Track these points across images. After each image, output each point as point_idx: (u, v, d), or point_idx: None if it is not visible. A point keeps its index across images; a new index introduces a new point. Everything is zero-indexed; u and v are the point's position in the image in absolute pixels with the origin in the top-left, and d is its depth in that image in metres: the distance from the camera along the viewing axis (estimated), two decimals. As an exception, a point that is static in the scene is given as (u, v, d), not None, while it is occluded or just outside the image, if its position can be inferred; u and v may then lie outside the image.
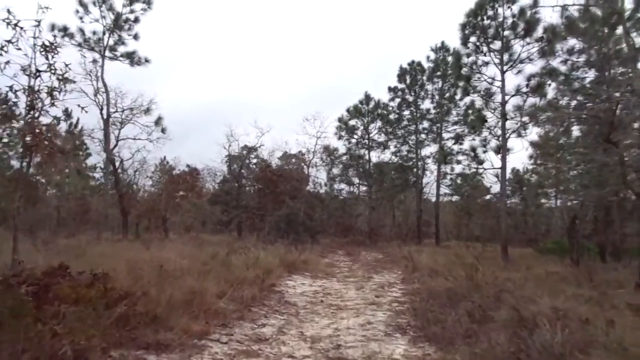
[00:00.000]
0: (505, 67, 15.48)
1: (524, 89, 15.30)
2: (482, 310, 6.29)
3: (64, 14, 23.93)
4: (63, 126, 27.82)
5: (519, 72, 15.62)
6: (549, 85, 15.74)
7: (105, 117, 19.87)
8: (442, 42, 29.08)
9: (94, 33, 19.77)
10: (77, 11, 19.35)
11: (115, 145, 20.77)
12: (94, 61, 19.91)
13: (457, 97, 28.91)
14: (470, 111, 28.56)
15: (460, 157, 28.55)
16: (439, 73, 29.25)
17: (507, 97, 15.42)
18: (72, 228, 23.68)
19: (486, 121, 15.77)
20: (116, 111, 20.15)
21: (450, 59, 29.02)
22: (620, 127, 17.44)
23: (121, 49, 20.54)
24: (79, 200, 26.69)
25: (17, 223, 4.43)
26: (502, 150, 15.20)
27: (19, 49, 4.07)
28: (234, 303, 6.73)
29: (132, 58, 20.90)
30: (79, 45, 19.54)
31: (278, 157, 29.12)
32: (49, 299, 3.88)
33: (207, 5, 72.56)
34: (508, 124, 15.47)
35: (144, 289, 6.03)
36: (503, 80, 15.48)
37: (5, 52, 3.80)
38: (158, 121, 20.70)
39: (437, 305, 7.17)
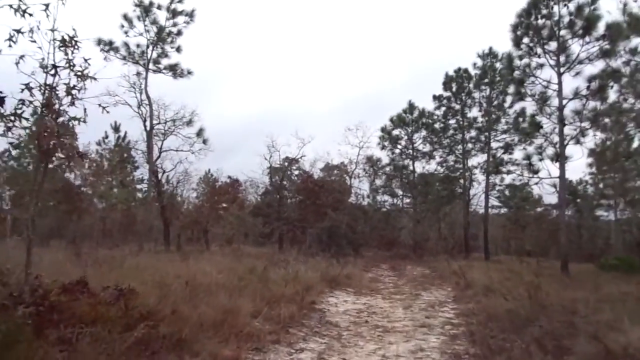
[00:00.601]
0: (562, 69, 14.38)
1: (583, 92, 14.13)
2: (553, 339, 5.43)
3: (110, 29, 24.56)
4: (111, 139, 28.62)
5: (577, 74, 14.49)
6: (611, 87, 14.55)
7: (148, 128, 20.01)
8: (490, 48, 27.99)
9: (138, 46, 20.10)
10: (122, 26, 19.73)
11: (158, 157, 20.90)
12: (138, 74, 20.16)
13: (507, 104, 27.72)
14: (520, 119, 27.31)
15: (510, 167, 27.40)
16: (486, 80, 28.09)
17: (564, 101, 14.30)
18: (117, 239, 23.99)
19: (541, 127, 14.67)
20: (159, 123, 20.29)
21: (498, 65, 27.92)
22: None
23: (164, 62, 20.80)
24: (124, 211, 27.11)
25: (31, 234, 4.01)
26: (560, 158, 14.05)
27: (34, 41, 3.70)
28: (270, 323, 6.15)
29: (175, 70, 21.07)
30: (124, 58, 19.87)
31: (320, 168, 28.74)
32: (54, 321, 3.42)
33: (248, 18, 73.66)
34: (566, 130, 14.34)
35: (173, 306, 5.57)
36: (560, 83, 14.39)
37: (14, 42, 3.43)
38: (200, 132, 20.71)
39: (498, 330, 6.33)
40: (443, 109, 28.67)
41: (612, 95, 15.06)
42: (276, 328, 5.92)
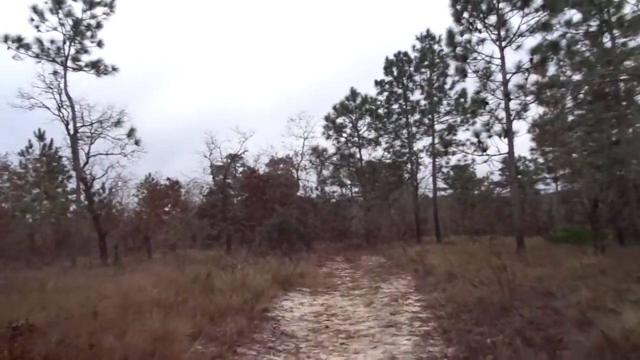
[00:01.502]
0: (503, 43, 14.14)
1: (526, 65, 13.96)
2: (538, 329, 4.82)
3: (18, 24, 22.14)
4: (36, 147, 26.12)
5: (519, 47, 14.36)
6: (552, 60, 14.47)
7: (72, 132, 18.19)
8: (428, 30, 27.87)
9: (53, 42, 18.13)
10: (32, 19, 17.67)
11: (86, 163, 19.08)
12: (55, 73, 18.27)
13: (447, 86, 27.81)
14: (462, 99, 27.55)
15: (455, 148, 27.49)
16: (426, 62, 28.00)
17: (508, 75, 14.07)
18: (48, 256, 21.91)
19: (487, 103, 14.40)
20: (83, 125, 18.47)
21: (436, 47, 27.90)
22: (629, 101, 16.29)
23: (85, 58, 18.92)
24: (54, 225, 24.93)
25: None
26: (508, 133, 13.83)
27: None
28: (214, 344, 5.18)
29: (97, 67, 19.26)
30: (37, 56, 17.88)
31: (265, 163, 27.66)
32: None
33: (182, 17, 70.92)
34: (512, 104, 14.13)
35: (91, 339, 4.49)
36: (502, 58, 14.16)
37: None
38: (131, 133, 19.07)
39: (472, 323, 5.69)
40: (386, 94, 28.34)
41: (552, 68, 15.12)
42: (221, 350, 4.96)
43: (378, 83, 28.44)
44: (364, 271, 13.67)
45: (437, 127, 27.93)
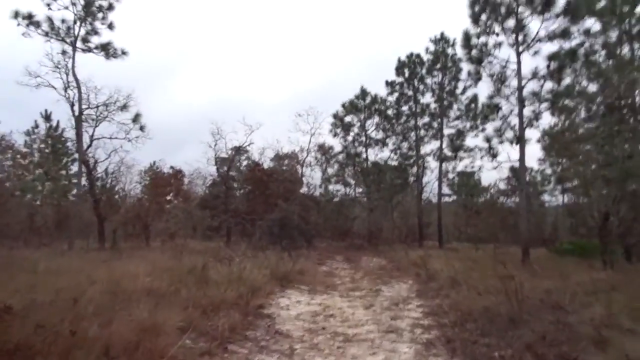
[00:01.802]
0: (520, 48, 13.79)
1: (542, 72, 13.61)
2: (550, 345, 4.50)
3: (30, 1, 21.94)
4: (42, 128, 25.92)
5: (536, 53, 13.98)
6: (569, 67, 14.13)
7: (77, 114, 17.97)
8: (442, 33, 27.55)
9: (63, 22, 17.95)
10: (44, -4, 17.47)
11: (89, 146, 18.86)
12: (64, 52, 18.06)
13: (459, 90, 27.45)
14: (473, 105, 27.19)
15: (462, 154, 27.16)
16: (438, 65, 27.65)
17: (523, 81, 13.72)
18: (47, 237, 21.72)
19: (500, 109, 14.06)
20: (88, 107, 18.24)
21: (450, 50, 27.57)
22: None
23: (94, 40, 18.72)
24: (55, 207, 24.75)
25: None
26: (520, 140, 13.47)
27: None
28: (204, 339, 4.91)
29: (107, 50, 19.08)
30: (46, 34, 17.69)
31: (270, 158, 27.35)
32: None
33: (197, 11, 70.71)
34: (525, 111, 13.79)
35: (72, 325, 4.22)
36: (519, 63, 13.79)
37: None
38: (136, 118, 18.86)
39: (478, 333, 5.39)
40: (396, 95, 28.02)
41: (568, 78, 14.78)
42: (211, 346, 4.68)
43: (389, 84, 28.11)
44: (364, 272, 13.36)
45: (446, 131, 27.61)
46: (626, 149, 14.61)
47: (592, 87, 15.74)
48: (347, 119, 27.65)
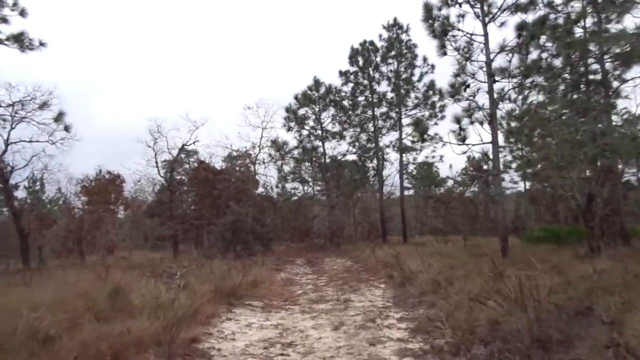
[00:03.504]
0: (486, 19, 12.55)
1: (512, 43, 12.42)
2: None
3: None
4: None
5: (503, 24, 12.75)
6: (538, 40, 13.05)
7: (-15, 114, 15.44)
8: (395, 19, 26.38)
9: (-38, 9, 15.33)
10: None
11: (4, 151, 16.29)
12: (-37, 45, 15.46)
13: (415, 78, 26.37)
14: (430, 92, 26.16)
15: (423, 144, 26.04)
16: (393, 53, 26.45)
17: (491, 55, 12.48)
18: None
19: (468, 86, 12.75)
20: (-1, 106, 15.71)
21: (404, 37, 26.44)
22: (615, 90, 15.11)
23: (5, 29, 16.18)
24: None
25: None
26: (493, 118, 12.21)
27: None
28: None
29: (20, 41, 16.52)
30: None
31: (222, 159, 25.23)
32: None
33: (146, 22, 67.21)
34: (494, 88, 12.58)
35: None
36: (486, 35, 12.54)
37: None
38: (59, 117, 16.39)
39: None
40: (351, 85, 26.64)
41: (534, 53, 13.76)
42: None
43: (343, 73, 26.67)
44: (328, 277, 11.74)
45: (405, 121, 26.50)
46: (600, 126, 13.74)
47: (557, 63, 14.92)
48: (301, 111, 25.93)
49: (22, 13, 16.31)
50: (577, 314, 4.82)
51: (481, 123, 12.73)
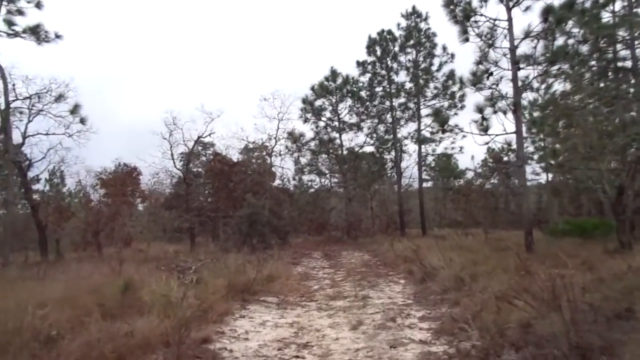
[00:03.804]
0: (511, 3, 12.01)
1: (537, 29, 11.87)
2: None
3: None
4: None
5: (528, 8, 12.19)
6: (565, 24, 12.45)
7: (3, 106, 15.43)
8: (414, 7, 25.73)
9: (-22, 1, 15.34)
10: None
11: (22, 144, 16.31)
12: (-19, 37, 15.48)
13: (434, 67, 25.77)
14: (450, 82, 25.53)
15: (442, 135, 25.52)
16: (412, 42, 25.85)
17: (516, 42, 11.96)
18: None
19: (491, 74, 12.25)
20: (15, 99, 15.69)
21: (423, 25, 25.82)
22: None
23: (21, 22, 16.18)
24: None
25: None
26: (517, 107, 11.70)
27: None
28: None
29: (37, 33, 16.53)
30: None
31: (238, 151, 25.03)
32: None
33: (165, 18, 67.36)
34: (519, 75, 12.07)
35: None
36: (510, 20, 12.00)
37: None
38: (75, 110, 16.35)
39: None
40: (368, 75, 26.18)
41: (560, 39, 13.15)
42: None
43: (360, 64, 26.22)
44: (346, 271, 11.45)
45: (423, 111, 25.95)
46: (632, 114, 13.11)
47: (584, 49, 14.27)
48: (318, 102, 25.58)
49: (38, 5, 16.31)
50: (616, 317, 4.45)
51: (504, 112, 12.22)
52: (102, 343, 4.01)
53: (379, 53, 26.03)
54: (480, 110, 11.71)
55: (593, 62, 14.64)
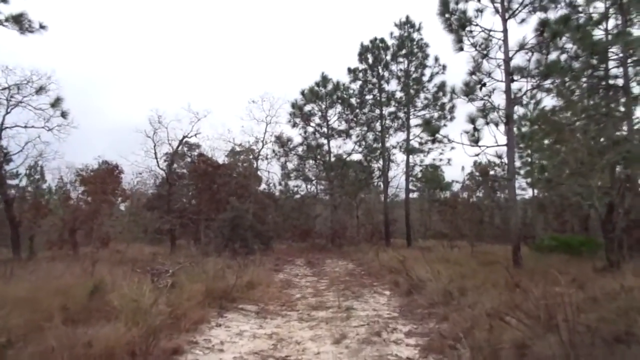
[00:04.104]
0: (506, 15, 11.89)
1: (532, 42, 11.76)
2: None
3: None
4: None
5: (523, 21, 12.11)
6: (560, 39, 12.37)
7: (-23, 96, 14.87)
8: (407, 17, 25.66)
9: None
10: None
11: (-1, 136, 15.73)
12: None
13: (425, 78, 25.69)
14: (440, 93, 25.46)
15: (431, 145, 25.43)
16: (404, 51, 25.74)
17: (510, 53, 11.83)
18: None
19: (484, 85, 12.08)
20: (-8, 89, 15.11)
21: (416, 35, 25.75)
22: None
23: (5, 10, 15.61)
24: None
25: None
26: (509, 119, 11.54)
27: None
28: None
29: (20, 23, 15.87)
30: None
31: (225, 153, 24.58)
32: None
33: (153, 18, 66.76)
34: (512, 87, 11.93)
35: None
36: (505, 31, 11.87)
37: None
38: (56, 103, 15.79)
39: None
40: (359, 82, 25.95)
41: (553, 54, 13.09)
42: None
43: (351, 71, 26.01)
44: (329, 280, 11.11)
45: (413, 121, 25.82)
46: (619, 133, 13.08)
47: (576, 65, 14.25)
48: (307, 107, 25.28)
49: (22, -8, 15.77)
50: (615, 340, 4.18)
51: (496, 124, 12.07)
52: (57, 352, 3.61)
53: (370, 61, 25.86)
54: (472, 120, 11.54)
55: (584, 79, 14.65)
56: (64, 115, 15.84)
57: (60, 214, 19.45)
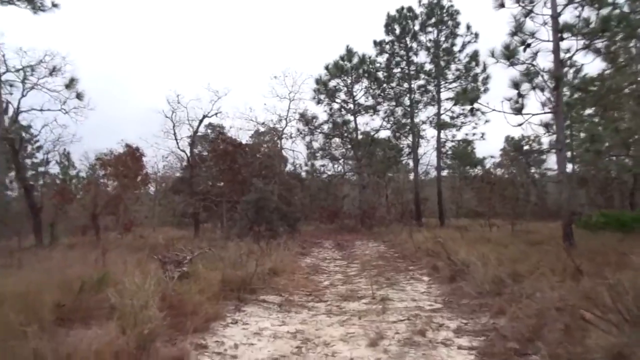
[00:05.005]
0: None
1: (582, -6, 10.41)
2: None
3: None
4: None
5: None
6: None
7: (-10, 78, 14.39)
8: (436, -18, 24.10)
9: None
10: None
11: (15, 121, 15.28)
12: (-31, 3, 14.40)
13: (456, 48, 24.24)
14: (473, 64, 23.99)
15: (464, 120, 24.16)
16: (433, 20, 24.31)
17: (559, 8, 10.51)
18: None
19: (529, 45, 10.82)
20: (6, 71, 14.62)
21: (445, 2, 24.25)
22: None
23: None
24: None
25: None
26: (559, 81, 10.29)
27: None
28: None
29: (32, 2, 15.41)
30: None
31: (249, 135, 23.81)
32: None
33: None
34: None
35: None
36: (553, -19, 10.55)
37: None
38: (70, 84, 15.21)
39: None
40: (386, 55, 24.72)
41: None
42: None
43: (377, 43, 24.76)
44: (360, 265, 10.25)
45: (444, 95, 24.49)
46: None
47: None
48: (332, 83, 24.22)
49: (33, -29, 15.14)
50: None
51: (542, 89, 10.83)
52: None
53: (397, 32, 24.54)
54: (515, 85, 10.34)
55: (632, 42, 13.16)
56: (79, 96, 15.29)
57: (87, 199, 19.18)
